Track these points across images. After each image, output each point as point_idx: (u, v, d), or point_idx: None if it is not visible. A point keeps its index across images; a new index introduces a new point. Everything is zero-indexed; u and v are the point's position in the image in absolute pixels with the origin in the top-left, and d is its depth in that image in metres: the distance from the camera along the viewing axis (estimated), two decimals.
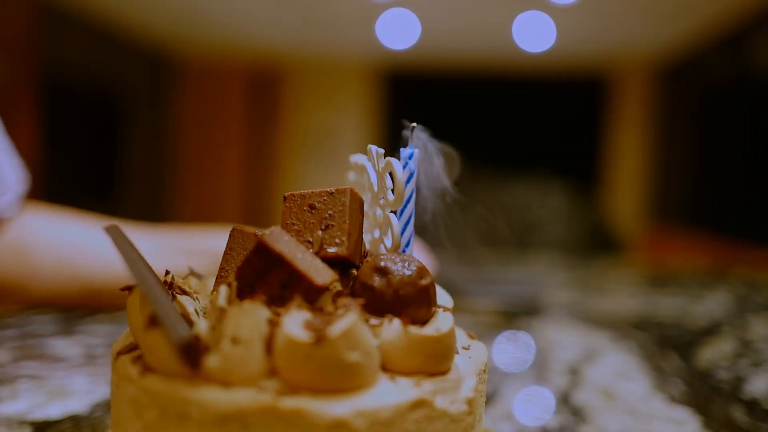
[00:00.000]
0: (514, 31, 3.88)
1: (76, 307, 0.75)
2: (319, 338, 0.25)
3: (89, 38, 4.08)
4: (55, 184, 3.64)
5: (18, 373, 0.54)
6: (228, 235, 0.34)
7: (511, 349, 0.71)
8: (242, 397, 0.25)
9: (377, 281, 0.30)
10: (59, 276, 0.71)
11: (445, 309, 0.32)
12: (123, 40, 4.44)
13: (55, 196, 3.59)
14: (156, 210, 4.94)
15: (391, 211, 0.34)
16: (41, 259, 0.71)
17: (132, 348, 0.30)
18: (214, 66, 5.15)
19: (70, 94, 3.88)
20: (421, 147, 0.35)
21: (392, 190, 0.33)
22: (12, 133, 0.78)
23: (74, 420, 0.45)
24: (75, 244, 0.74)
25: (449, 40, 4.45)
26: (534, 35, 3.93)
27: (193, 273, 0.36)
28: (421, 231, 0.35)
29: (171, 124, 5.15)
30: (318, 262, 0.29)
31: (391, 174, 0.33)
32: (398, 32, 3.94)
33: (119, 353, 0.30)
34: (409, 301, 0.29)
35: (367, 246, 0.36)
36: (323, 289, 0.29)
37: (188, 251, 0.75)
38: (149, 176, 4.91)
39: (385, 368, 0.28)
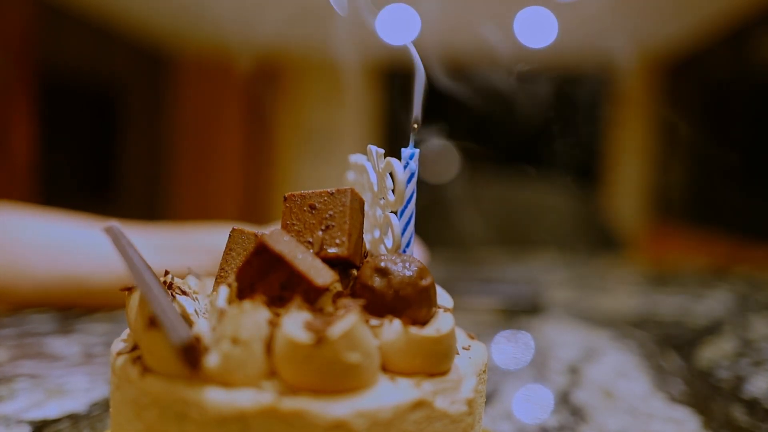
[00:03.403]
0: (516, 26, 3.88)
1: (67, 307, 0.75)
2: (320, 339, 0.25)
3: (86, 35, 4.07)
4: (53, 181, 3.64)
5: (16, 372, 0.54)
6: (228, 235, 0.34)
7: (511, 348, 0.71)
8: (242, 398, 0.25)
9: (377, 282, 0.29)
10: (49, 276, 0.71)
11: (446, 309, 0.32)
12: (120, 37, 4.43)
13: (52, 193, 3.59)
14: (153, 208, 4.94)
15: (392, 212, 0.33)
16: (31, 259, 0.71)
17: (132, 348, 0.30)
18: (212, 63, 5.14)
19: (67, 91, 3.87)
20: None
21: (393, 191, 0.33)
22: (8, 130, 0.78)
23: (72, 419, 0.45)
24: (64, 243, 0.74)
25: (450, 36, 4.45)
26: (535, 31, 3.92)
27: (192, 273, 0.36)
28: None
29: (169, 122, 5.14)
30: (318, 263, 0.29)
31: (391, 174, 0.33)
32: (398, 28, 3.93)
33: (119, 353, 0.30)
34: (410, 302, 0.29)
35: (368, 246, 0.36)
36: (323, 290, 0.29)
37: (187, 248, 0.75)
38: (147, 174, 4.91)
39: (385, 369, 0.28)
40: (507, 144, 5.17)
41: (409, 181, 0.33)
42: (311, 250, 0.31)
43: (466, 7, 3.76)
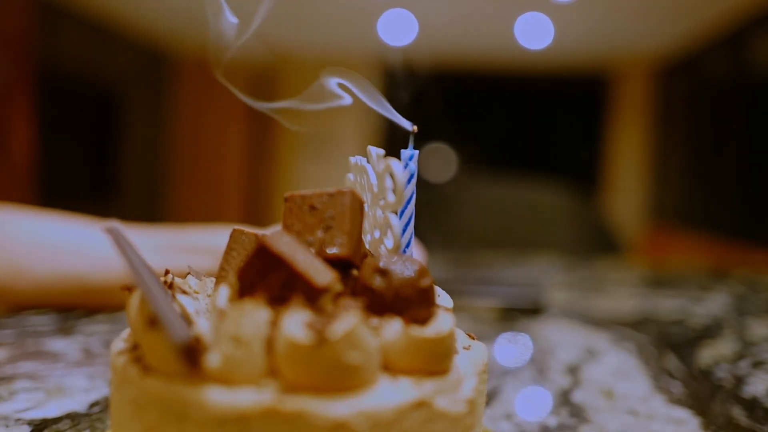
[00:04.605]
0: (514, 28, 3.89)
1: (68, 307, 0.75)
2: (320, 339, 0.25)
3: (86, 35, 4.07)
4: (53, 181, 3.64)
5: (16, 371, 0.54)
6: (228, 236, 0.34)
7: (511, 349, 0.71)
8: (243, 399, 0.25)
9: (377, 282, 0.29)
10: (49, 276, 0.71)
11: (446, 309, 0.32)
12: (120, 37, 4.43)
13: (52, 194, 3.59)
14: (154, 209, 4.94)
15: (391, 212, 0.33)
16: (31, 259, 0.71)
17: (132, 348, 0.30)
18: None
19: (67, 91, 3.87)
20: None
21: (392, 191, 0.33)
22: (8, 130, 0.78)
23: (72, 418, 0.45)
24: (64, 243, 0.74)
25: (449, 38, 4.46)
26: (533, 33, 3.93)
27: (192, 272, 0.36)
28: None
29: (169, 122, 5.14)
30: (318, 263, 0.29)
31: (391, 175, 0.33)
32: (398, 30, 3.94)
33: (119, 353, 0.30)
34: (410, 302, 0.29)
35: (367, 247, 0.36)
36: (324, 290, 0.29)
37: (187, 249, 0.75)
38: (147, 175, 4.91)
39: (385, 369, 0.28)
40: (506, 146, 5.18)
41: (408, 181, 0.33)
42: (311, 251, 0.31)
43: (466, 8, 3.76)
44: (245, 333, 0.26)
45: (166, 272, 0.33)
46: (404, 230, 0.34)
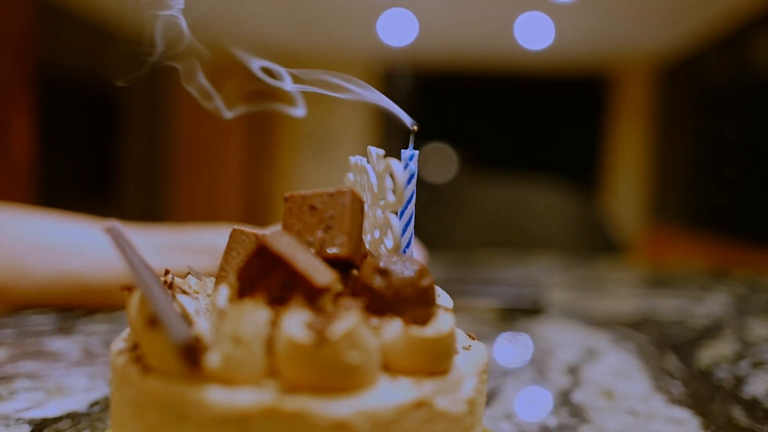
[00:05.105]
0: (514, 28, 3.89)
1: (68, 307, 0.75)
2: (321, 339, 0.25)
3: (87, 35, 4.07)
4: (52, 181, 3.63)
5: (16, 371, 0.54)
6: (228, 236, 0.34)
7: (511, 349, 0.71)
8: (243, 398, 0.25)
9: (378, 282, 0.29)
10: (49, 276, 0.71)
11: (446, 309, 0.32)
12: (120, 36, 4.43)
13: (52, 194, 3.59)
14: (154, 209, 4.94)
15: (391, 212, 0.34)
16: (31, 259, 0.71)
17: (132, 348, 0.30)
18: (212, 63, 5.13)
19: (67, 91, 3.87)
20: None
21: (392, 191, 0.33)
22: (8, 130, 0.78)
23: (73, 418, 0.45)
24: (64, 243, 0.74)
25: (449, 38, 4.45)
26: (533, 33, 3.93)
27: (192, 272, 0.36)
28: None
29: (169, 122, 5.14)
30: (318, 263, 0.29)
31: (391, 175, 0.33)
32: (398, 30, 3.95)
33: (119, 353, 0.30)
34: (410, 302, 0.29)
35: (367, 247, 0.36)
36: (324, 290, 0.29)
37: (187, 249, 0.75)
38: (147, 175, 4.91)
39: (385, 369, 0.28)
40: (506, 145, 5.18)
41: (408, 181, 0.34)
42: (311, 251, 0.31)
43: (466, 8, 3.76)
44: (245, 333, 0.26)
45: (166, 272, 0.33)
46: (404, 230, 0.34)
